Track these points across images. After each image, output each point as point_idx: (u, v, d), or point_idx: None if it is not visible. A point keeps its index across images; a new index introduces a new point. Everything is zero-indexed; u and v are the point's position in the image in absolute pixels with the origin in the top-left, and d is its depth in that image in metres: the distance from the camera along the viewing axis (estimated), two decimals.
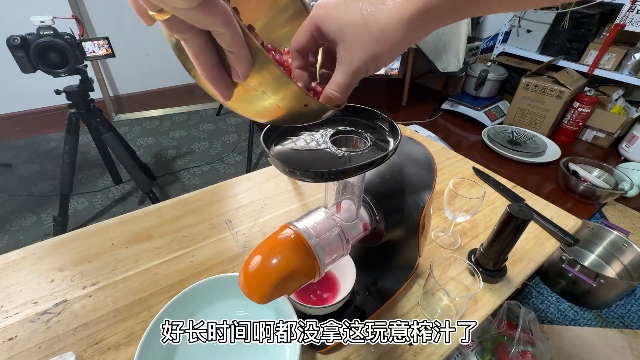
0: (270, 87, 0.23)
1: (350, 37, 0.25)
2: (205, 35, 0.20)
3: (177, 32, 0.19)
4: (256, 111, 0.26)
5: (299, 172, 0.28)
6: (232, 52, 0.20)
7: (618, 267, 1.23)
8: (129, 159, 1.35)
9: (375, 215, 0.46)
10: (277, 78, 0.22)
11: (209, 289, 0.47)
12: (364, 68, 0.25)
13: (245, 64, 0.21)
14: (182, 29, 0.19)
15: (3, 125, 1.94)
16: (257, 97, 0.24)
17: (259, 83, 0.22)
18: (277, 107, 0.24)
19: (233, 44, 0.20)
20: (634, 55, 1.88)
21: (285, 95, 0.23)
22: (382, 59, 0.25)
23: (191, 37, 0.20)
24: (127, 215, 0.66)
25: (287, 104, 0.24)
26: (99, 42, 1.16)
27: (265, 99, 0.24)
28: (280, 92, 0.23)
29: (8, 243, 1.32)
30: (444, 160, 0.88)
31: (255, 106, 0.25)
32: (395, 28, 0.24)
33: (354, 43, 0.25)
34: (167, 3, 0.17)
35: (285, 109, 0.24)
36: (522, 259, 0.61)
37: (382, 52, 0.25)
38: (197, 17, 0.18)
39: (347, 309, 0.49)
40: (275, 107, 0.24)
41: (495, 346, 0.91)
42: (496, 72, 2.21)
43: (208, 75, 0.22)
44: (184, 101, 2.40)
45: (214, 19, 0.18)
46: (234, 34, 0.19)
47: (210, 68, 0.21)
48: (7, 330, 0.47)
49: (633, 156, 1.91)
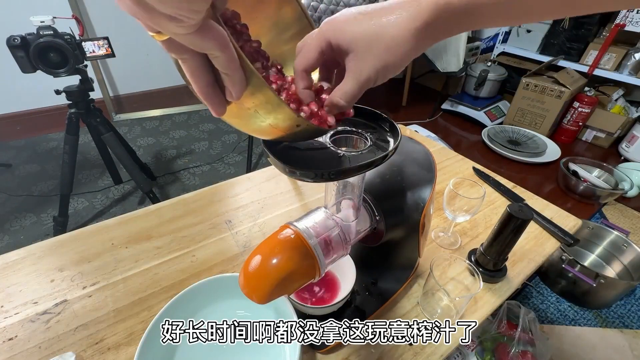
0: (263, 108, 0.23)
1: (362, 47, 0.25)
2: (202, 56, 0.21)
3: (174, 53, 0.20)
4: (252, 129, 0.27)
5: (299, 172, 0.28)
6: (226, 74, 0.21)
7: (618, 267, 1.23)
8: (129, 159, 1.35)
9: (375, 215, 0.46)
10: (270, 100, 0.22)
11: (209, 289, 0.47)
12: (373, 77, 0.26)
13: (239, 86, 0.22)
14: (179, 50, 0.20)
15: (3, 125, 1.94)
16: (251, 116, 0.24)
17: (252, 103, 0.23)
18: (270, 126, 0.25)
19: (228, 66, 0.21)
20: (634, 55, 1.88)
21: (277, 116, 0.24)
22: (392, 68, 0.26)
23: (188, 58, 0.20)
24: (127, 215, 0.66)
25: (279, 124, 0.25)
26: (99, 42, 1.16)
27: (258, 117, 0.24)
28: (272, 113, 0.24)
29: (8, 243, 1.32)
30: (444, 160, 0.88)
31: (250, 124, 0.26)
32: (406, 39, 0.25)
33: (365, 53, 0.25)
34: (165, 28, 0.18)
35: (278, 128, 0.25)
36: (522, 259, 0.61)
37: (392, 62, 0.26)
38: (194, 41, 0.19)
39: (347, 309, 0.49)
40: (268, 126, 0.25)
41: (495, 346, 0.91)
42: (496, 72, 2.21)
43: (202, 93, 0.23)
44: (184, 101, 2.40)
45: (211, 43, 0.19)
46: (229, 57, 0.20)
47: (205, 86, 0.22)
48: (7, 330, 0.47)
49: (633, 156, 1.91)
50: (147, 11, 0.16)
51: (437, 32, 0.26)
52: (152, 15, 0.16)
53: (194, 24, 0.18)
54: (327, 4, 1.48)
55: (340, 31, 0.26)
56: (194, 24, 0.18)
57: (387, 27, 0.25)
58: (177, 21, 0.17)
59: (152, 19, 0.17)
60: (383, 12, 0.25)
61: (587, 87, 2.02)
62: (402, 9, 0.25)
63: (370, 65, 0.25)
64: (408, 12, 0.25)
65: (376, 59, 0.25)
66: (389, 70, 0.26)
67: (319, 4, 1.48)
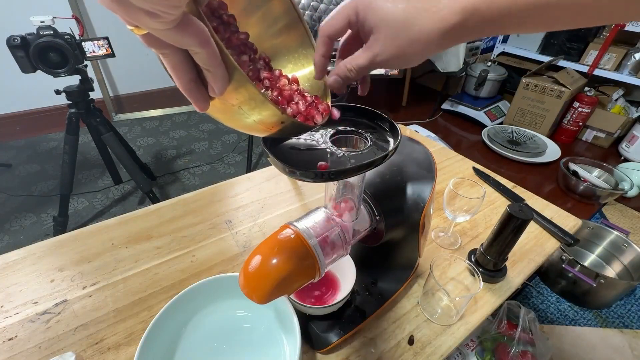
0: (247, 104, 0.23)
1: (388, 30, 0.25)
2: (183, 51, 0.20)
3: (154, 48, 0.20)
4: (237, 125, 0.27)
5: (299, 172, 0.28)
6: (208, 70, 0.21)
7: (618, 267, 1.23)
8: (129, 159, 1.35)
9: (375, 215, 0.46)
10: (254, 96, 0.22)
11: (209, 289, 0.47)
12: (388, 61, 0.26)
13: (221, 82, 0.21)
14: (159, 45, 0.19)
15: (3, 125, 1.94)
16: (235, 112, 0.24)
17: (236, 100, 0.23)
18: (255, 122, 0.25)
19: (209, 63, 0.20)
20: (634, 55, 1.88)
21: (262, 112, 0.24)
22: (409, 59, 0.26)
23: (169, 53, 0.20)
24: (127, 215, 0.66)
25: (263, 120, 0.24)
26: (99, 42, 1.16)
27: (243, 113, 0.24)
28: (256, 109, 0.23)
29: (8, 243, 1.32)
30: (444, 160, 0.88)
31: (235, 120, 0.26)
32: (431, 36, 0.25)
33: (389, 36, 0.25)
34: (142, 23, 0.17)
35: (263, 124, 0.25)
36: (522, 259, 0.61)
37: (411, 53, 0.26)
38: (172, 37, 0.18)
39: (347, 309, 0.49)
40: (253, 122, 0.25)
41: (495, 346, 0.90)
42: (496, 72, 2.21)
43: (185, 88, 0.22)
44: (184, 101, 2.38)
45: (190, 39, 0.19)
46: (210, 53, 0.20)
47: (188, 82, 0.22)
48: (7, 330, 0.47)
49: (633, 156, 1.91)
50: (123, 5, 0.16)
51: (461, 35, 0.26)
52: (129, 10, 0.16)
53: (172, 19, 0.17)
54: (327, 4, 1.48)
55: (371, 7, 0.26)
56: (173, 20, 0.17)
57: (418, 19, 0.25)
58: (155, 16, 0.16)
59: (128, 13, 0.16)
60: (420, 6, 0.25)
61: (587, 87, 2.02)
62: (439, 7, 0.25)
63: (390, 49, 0.26)
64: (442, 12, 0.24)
65: (397, 46, 0.25)
66: (405, 60, 0.26)
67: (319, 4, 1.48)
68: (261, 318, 0.48)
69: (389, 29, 0.25)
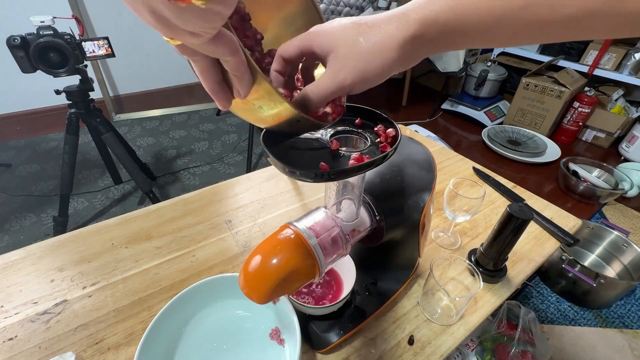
0: (266, 104, 0.25)
1: (343, 50, 0.26)
2: (211, 57, 0.22)
3: (187, 55, 0.21)
4: (254, 120, 0.29)
5: (299, 172, 0.28)
6: (236, 75, 0.22)
7: (618, 267, 1.23)
8: (129, 159, 1.35)
9: (375, 215, 0.46)
10: (273, 98, 0.24)
11: (209, 289, 0.47)
12: (350, 81, 0.26)
13: (247, 86, 0.23)
14: (191, 53, 0.21)
15: (3, 125, 1.94)
16: (255, 110, 0.26)
17: (256, 100, 0.25)
18: (272, 119, 0.27)
19: (238, 69, 0.22)
20: (634, 55, 1.88)
21: (279, 111, 0.25)
22: (371, 76, 0.26)
23: (199, 59, 0.22)
24: (127, 215, 0.66)
25: (281, 118, 0.26)
26: (99, 42, 1.15)
27: (262, 112, 0.26)
28: (275, 109, 0.25)
29: (8, 243, 1.32)
30: (444, 160, 0.88)
31: (254, 116, 0.28)
32: (389, 48, 0.25)
33: (346, 55, 0.26)
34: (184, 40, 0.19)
35: (279, 121, 0.27)
36: (522, 259, 0.61)
37: (372, 69, 0.26)
38: (207, 48, 0.20)
39: (347, 309, 0.49)
40: (270, 119, 0.27)
41: (495, 346, 0.90)
42: (496, 72, 2.21)
43: (211, 89, 0.24)
44: (184, 101, 2.40)
45: (222, 49, 0.20)
46: (238, 61, 0.21)
47: (214, 84, 0.24)
48: (7, 330, 0.47)
49: (633, 156, 1.91)
50: (168, 27, 0.17)
51: (424, 46, 0.26)
52: (175, 31, 0.17)
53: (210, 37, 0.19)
54: (327, 4, 1.48)
55: (323, 33, 0.26)
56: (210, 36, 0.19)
57: (371, 35, 0.25)
58: (198, 36, 0.18)
59: (173, 33, 0.18)
60: (371, 22, 0.26)
61: (587, 87, 2.02)
62: (391, 21, 0.26)
63: (348, 68, 0.26)
64: (396, 24, 0.25)
65: (355, 63, 0.26)
66: (368, 78, 0.26)
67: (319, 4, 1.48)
68: (261, 318, 0.48)
69: (344, 47, 0.26)
